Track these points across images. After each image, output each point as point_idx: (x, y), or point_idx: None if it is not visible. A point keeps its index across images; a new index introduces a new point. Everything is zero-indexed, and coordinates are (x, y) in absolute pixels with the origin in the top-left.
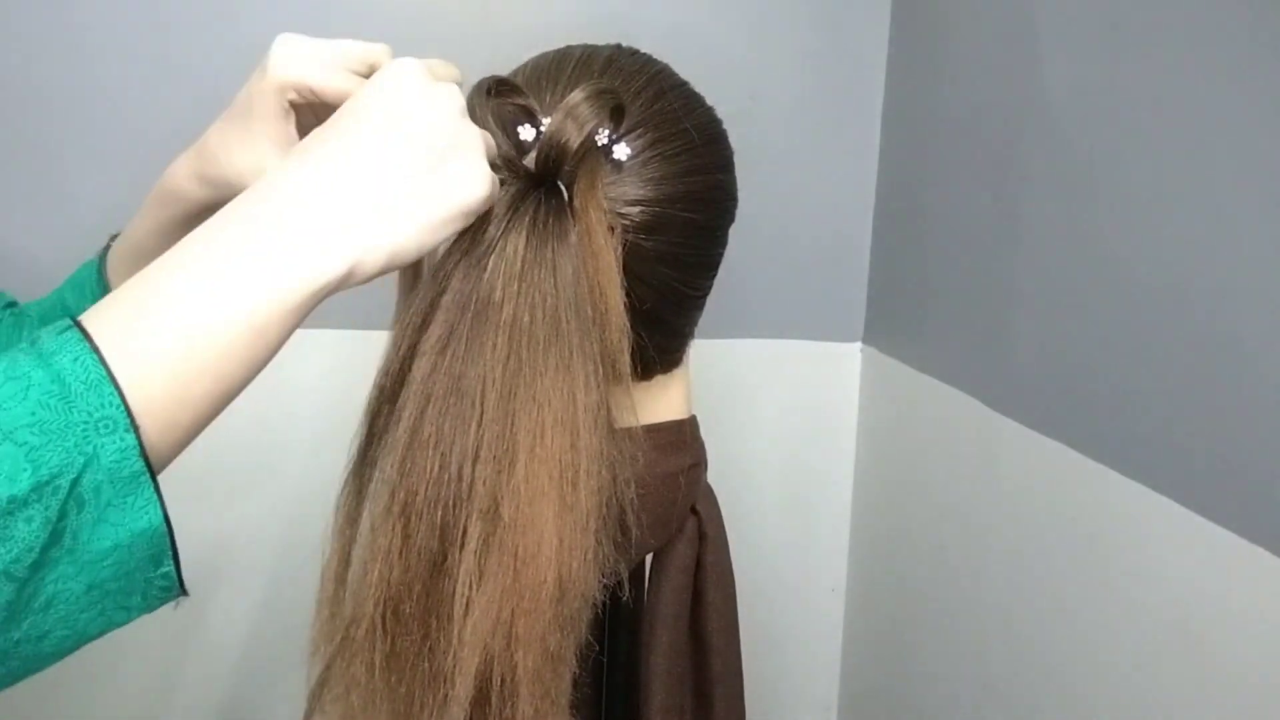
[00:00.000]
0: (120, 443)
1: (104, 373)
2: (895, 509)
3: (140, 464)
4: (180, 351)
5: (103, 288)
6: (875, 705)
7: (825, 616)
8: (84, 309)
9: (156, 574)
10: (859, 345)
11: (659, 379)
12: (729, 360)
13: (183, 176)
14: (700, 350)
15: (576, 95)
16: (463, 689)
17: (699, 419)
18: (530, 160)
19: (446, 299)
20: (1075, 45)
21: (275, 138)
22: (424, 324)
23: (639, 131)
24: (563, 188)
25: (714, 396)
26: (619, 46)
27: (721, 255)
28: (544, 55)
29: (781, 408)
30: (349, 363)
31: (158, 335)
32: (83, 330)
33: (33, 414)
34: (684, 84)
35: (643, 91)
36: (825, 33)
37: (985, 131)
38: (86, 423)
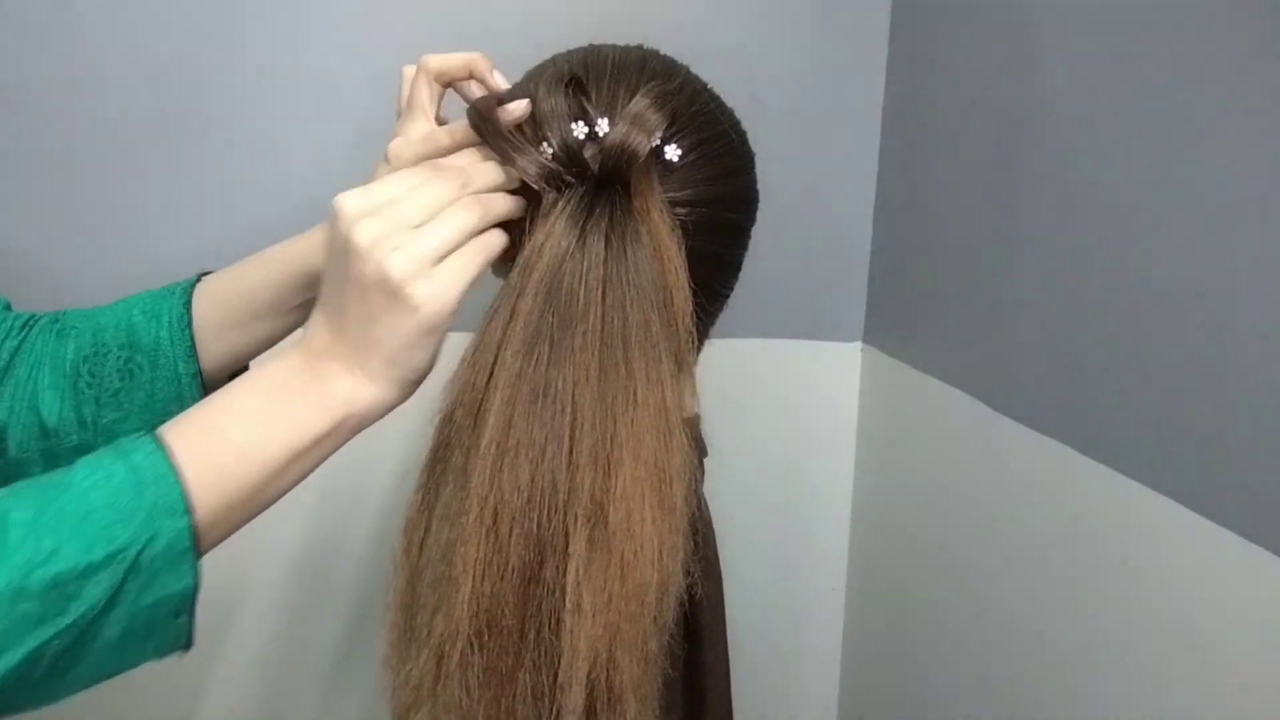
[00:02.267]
0: (177, 525)
1: (170, 466)
2: (895, 509)
3: (189, 542)
4: (234, 461)
5: (186, 325)
6: (875, 705)
7: (825, 616)
8: (159, 338)
9: (174, 623)
10: (859, 345)
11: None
12: (729, 360)
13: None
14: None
15: (642, 101)
16: (575, 698)
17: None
18: (594, 162)
19: (526, 304)
20: (1075, 45)
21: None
22: (504, 333)
23: (684, 133)
24: (622, 190)
25: (714, 396)
26: (643, 47)
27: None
28: (571, 54)
29: (781, 408)
30: None
31: (217, 450)
32: (156, 436)
33: (111, 496)
34: (708, 86)
35: (680, 92)
36: (825, 33)
37: (985, 131)
38: (153, 506)
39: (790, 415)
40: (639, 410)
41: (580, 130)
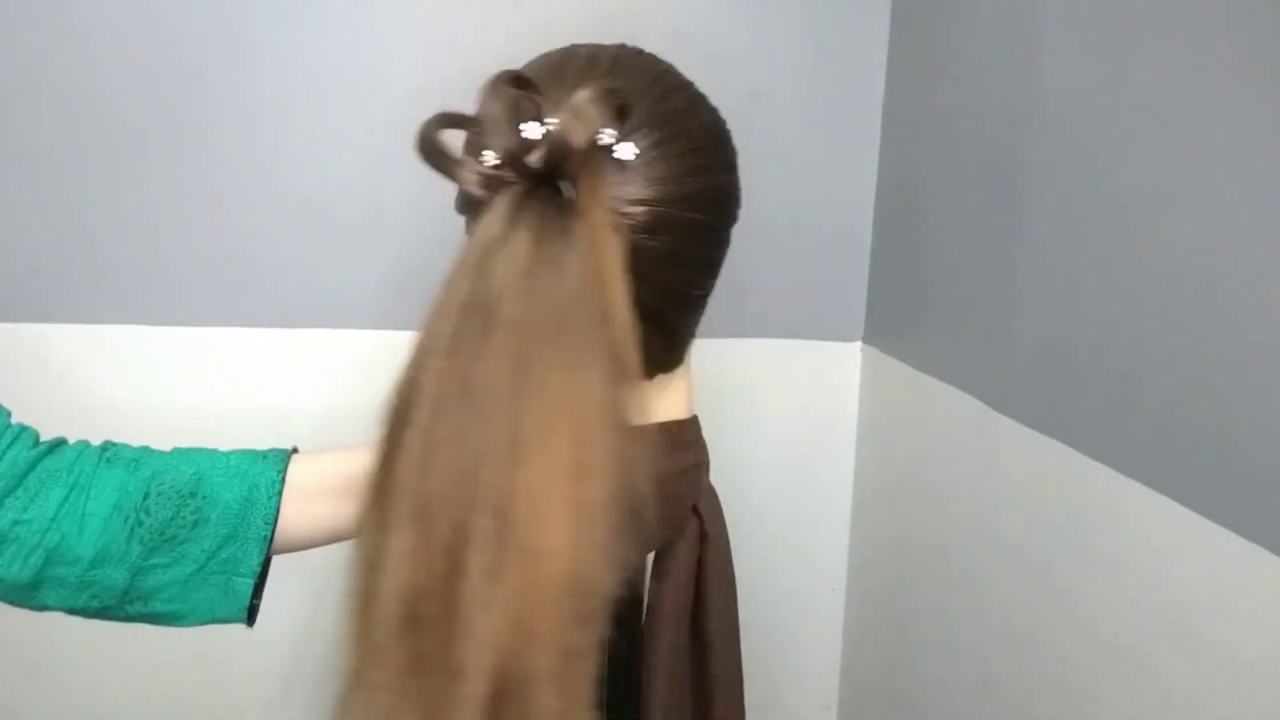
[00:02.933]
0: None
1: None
2: (895, 508)
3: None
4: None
5: (278, 489)
6: (875, 705)
7: (825, 616)
8: (247, 492)
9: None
10: (859, 345)
11: (659, 379)
12: (729, 360)
13: None
14: (700, 350)
15: (582, 95)
16: (476, 687)
17: (699, 418)
18: (535, 159)
19: (453, 301)
20: (1075, 44)
21: None
22: (433, 327)
23: (644, 131)
24: (568, 187)
25: (714, 396)
26: (624, 46)
27: (723, 256)
28: (548, 55)
29: (781, 407)
30: (371, 363)
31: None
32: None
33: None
34: (689, 85)
35: (648, 91)
36: (825, 32)
37: (985, 131)
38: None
39: (790, 415)
40: (551, 406)
41: (531, 130)
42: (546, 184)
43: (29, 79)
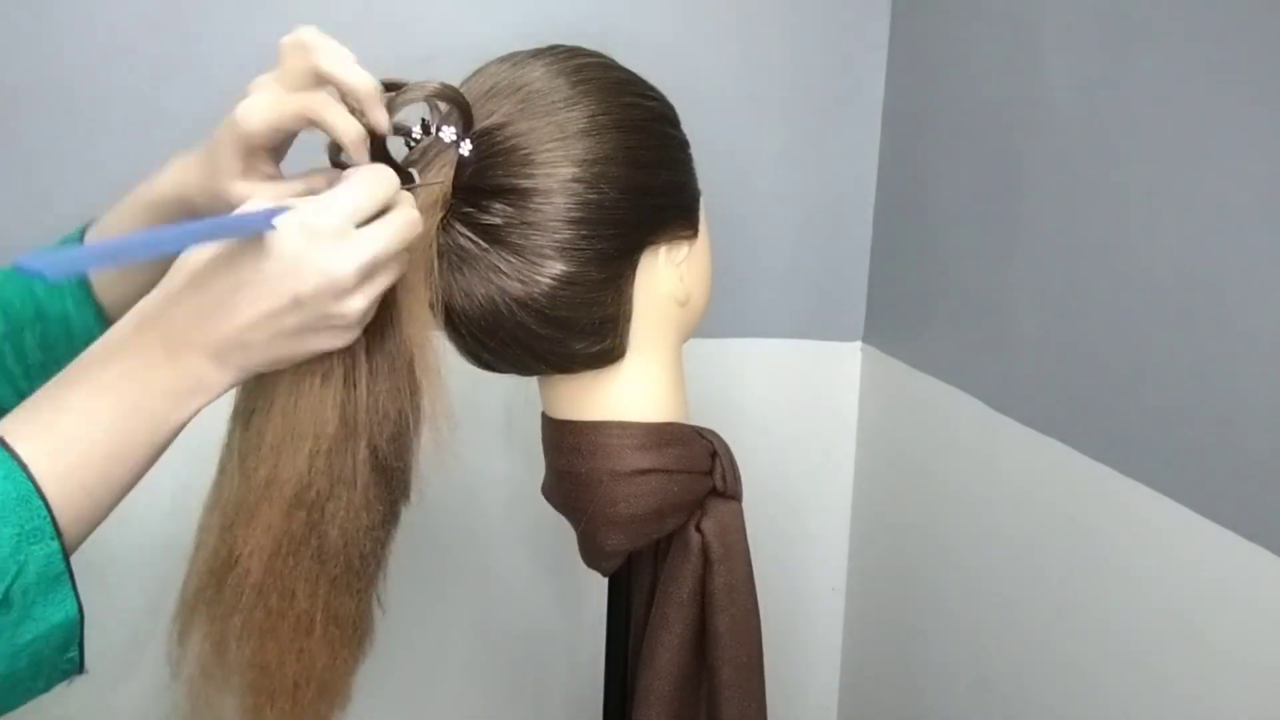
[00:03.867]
0: (46, 549)
1: (31, 487)
2: (895, 508)
3: (62, 565)
4: (97, 468)
5: (87, 289)
6: (875, 705)
7: (825, 616)
8: (66, 309)
9: (63, 658)
10: (859, 345)
11: (589, 374)
12: (729, 360)
13: (193, 187)
14: (700, 350)
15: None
16: (199, 563)
17: (698, 419)
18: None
19: None
20: (1075, 44)
21: (245, 174)
22: None
23: (490, 126)
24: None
25: (714, 396)
26: (551, 46)
27: (602, 249)
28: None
29: (781, 407)
30: None
31: (77, 454)
32: (10, 450)
33: None
34: (591, 78)
35: (497, 88)
36: (825, 32)
37: (985, 131)
38: (19, 534)
39: (790, 415)
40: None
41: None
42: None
43: (29, 78)
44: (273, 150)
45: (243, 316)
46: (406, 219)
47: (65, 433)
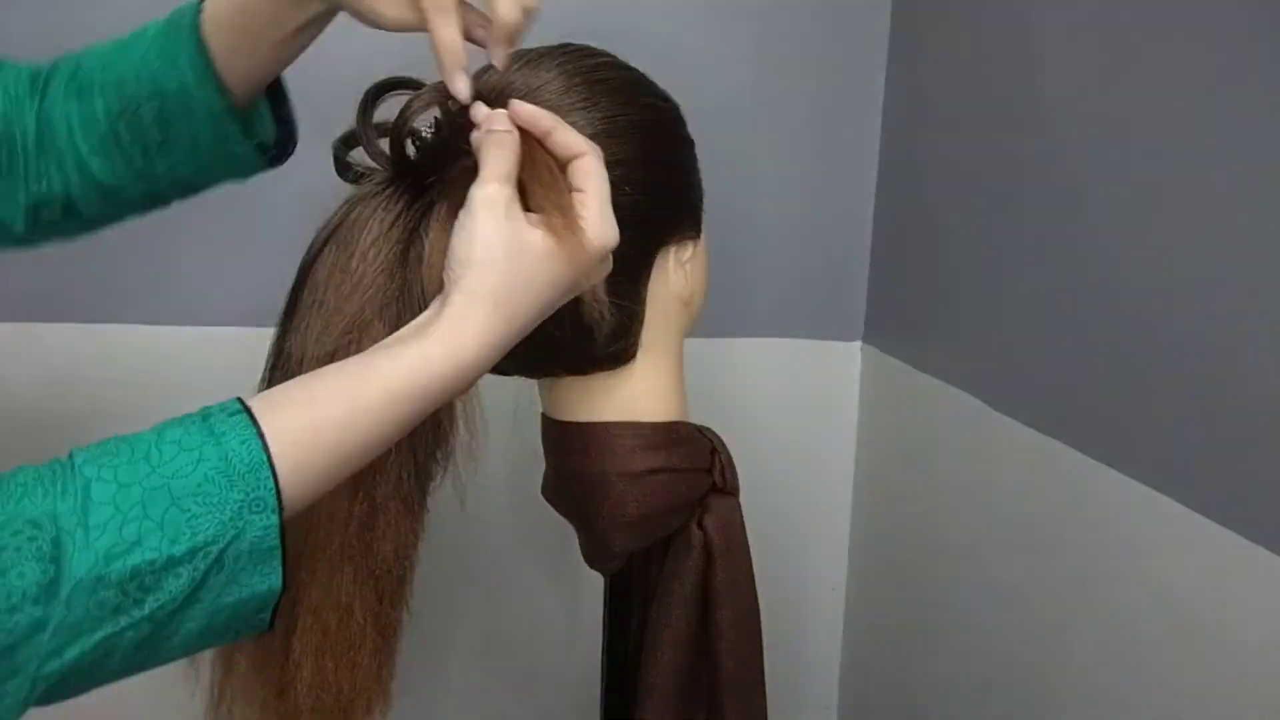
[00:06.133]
0: (265, 521)
1: (265, 459)
2: (895, 508)
3: (277, 540)
4: (328, 452)
5: (207, 64)
6: (875, 705)
7: (825, 616)
8: (185, 83)
9: (255, 618)
10: (859, 345)
11: (602, 375)
12: (729, 359)
13: None
14: (700, 349)
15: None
16: None
17: (699, 418)
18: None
19: None
20: (1075, 44)
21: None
22: None
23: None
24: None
25: (714, 396)
26: (561, 44)
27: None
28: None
29: (781, 407)
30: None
31: (314, 435)
32: (252, 417)
33: (199, 485)
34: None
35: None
36: (825, 32)
37: (985, 131)
38: (242, 501)
39: (790, 415)
40: None
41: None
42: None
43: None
44: None
45: (530, 317)
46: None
47: (311, 418)
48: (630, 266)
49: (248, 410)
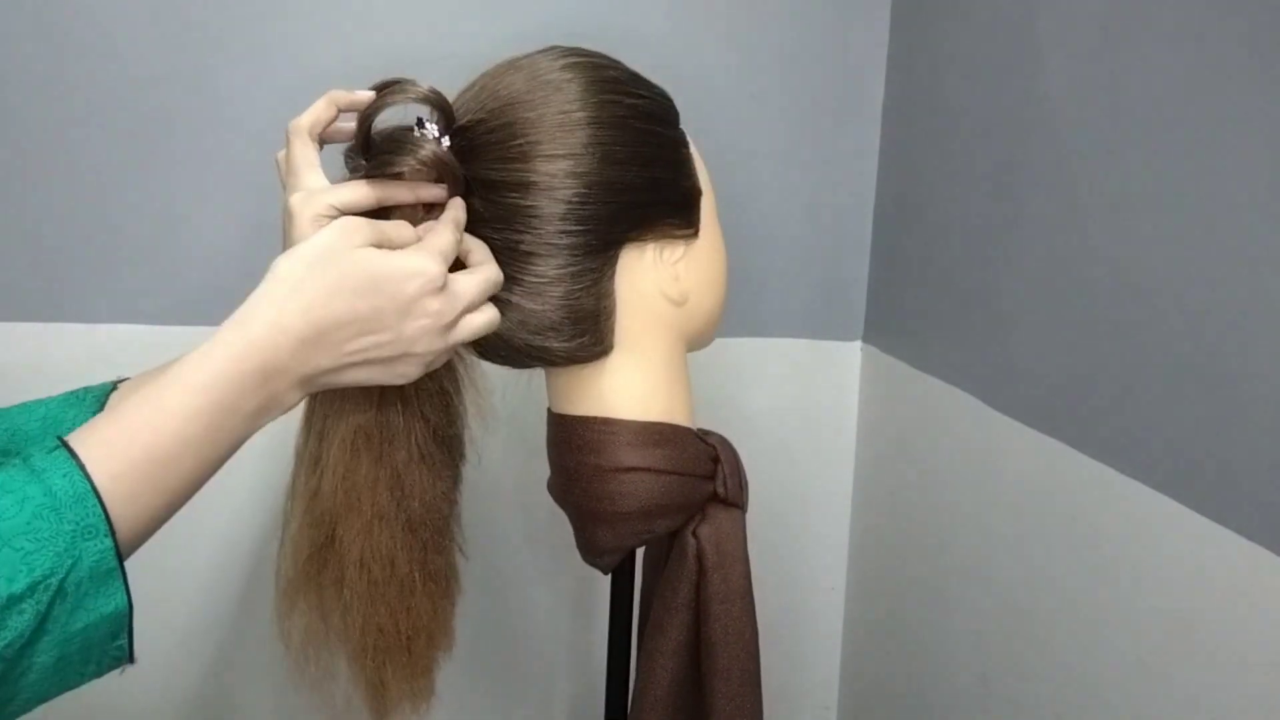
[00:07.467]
0: (100, 546)
1: (89, 487)
2: (895, 508)
3: (114, 562)
4: (148, 457)
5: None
6: (875, 705)
7: (825, 616)
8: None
9: (112, 646)
10: (859, 344)
11: (585, 369)
12: (729, 359)
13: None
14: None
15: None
16: (294, 547)
17: (698, 418)
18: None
19: None
20: (1075, 44)
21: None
22: None
23: (470, 123)
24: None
25: (714, 396)
26: (551, 47)
27: (568, 246)
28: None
29: (781, 406)
30: None
31: (134, 458)
32: (70, 450)
33: (28, 524)
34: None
35: (479, 87)
36: (825, 32)
37: (985, 131)
38: (74, 530)
39: (790, 415)
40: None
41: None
42: None
43: (29, 78)
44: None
45: (345, 350)
46: (492, 276)
47: (130, 438)
48: (581, 260)
49: (65, 444)
